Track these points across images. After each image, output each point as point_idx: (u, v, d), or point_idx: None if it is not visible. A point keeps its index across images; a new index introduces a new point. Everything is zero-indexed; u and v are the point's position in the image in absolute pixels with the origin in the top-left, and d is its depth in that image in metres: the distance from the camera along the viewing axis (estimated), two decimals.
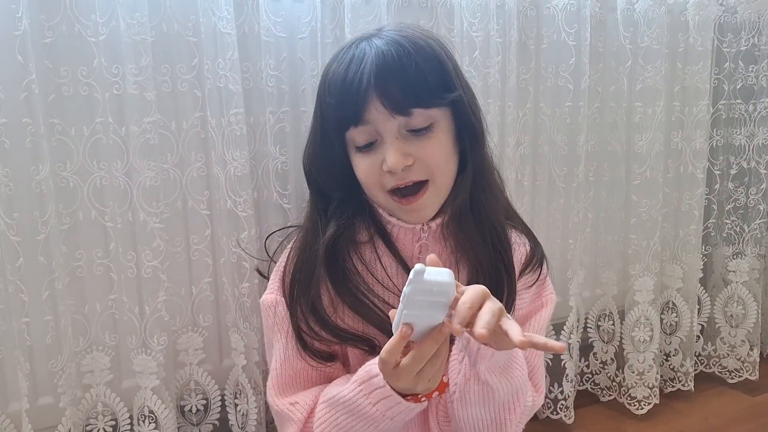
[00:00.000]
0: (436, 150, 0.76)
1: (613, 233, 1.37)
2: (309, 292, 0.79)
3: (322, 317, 0.79)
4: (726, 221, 1.52)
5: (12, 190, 0.85)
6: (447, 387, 0.73)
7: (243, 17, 0.97)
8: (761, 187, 1.48)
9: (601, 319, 1.40)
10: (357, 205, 0.81)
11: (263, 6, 0.95)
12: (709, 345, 1.55)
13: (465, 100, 0.77)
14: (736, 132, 1.48)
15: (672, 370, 1.46)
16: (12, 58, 0.82)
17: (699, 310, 1.50)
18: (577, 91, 1.23)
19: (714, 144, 1.49)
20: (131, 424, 0.98)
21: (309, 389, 0.80)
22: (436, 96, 0.74)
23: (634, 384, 1.36)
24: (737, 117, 1.47)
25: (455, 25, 1.10)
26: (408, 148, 0.75)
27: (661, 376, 1.44)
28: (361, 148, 0.77)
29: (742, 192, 1.50)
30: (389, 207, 0.80)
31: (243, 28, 0.97)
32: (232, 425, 1.07)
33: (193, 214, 1.00)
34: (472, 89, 0.82)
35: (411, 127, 0.74)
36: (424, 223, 0.81)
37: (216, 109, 0.95)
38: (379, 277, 0.81)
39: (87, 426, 0.97)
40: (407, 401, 0.68)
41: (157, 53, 0.92)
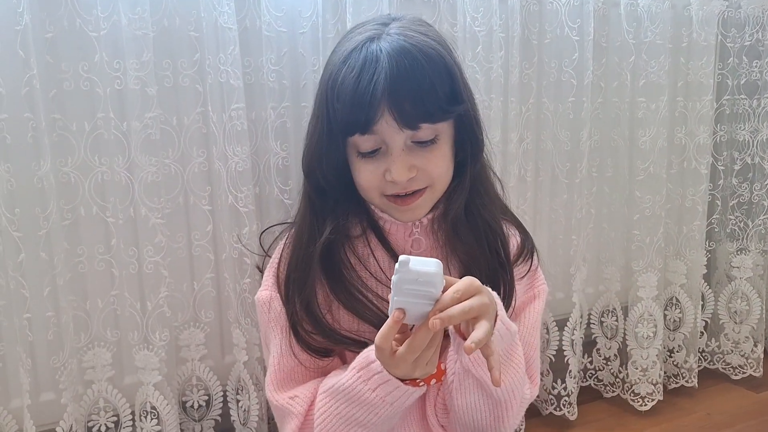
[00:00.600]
0: (439, 162, 0.77)
1: (617, 229, 1.37)
2: (304, 291, 0.79)
3: (316, 318, 0.79)
4: (730, 217, 1.52)
5: (13, 185, 0.85)
6: (444, 374, 0.75)
7: (244, 12, 0.97)
8: (765, 183, 1.47)
9: (605, 315, 1.40)
10: (352, 203, 0.82)
11: (264, 1, 0.95)
12: (713, 341, 1.54)
13: (470, 112, 0.78)
14: (740, 127, 1.48)
15: (675, 366, 1.46)
16: (13, 53, 0.81)
17: (703, 306, 1.50)
18: (581, 87, 1.22)
19: (718, 139, 1.48)
20: (133, 420, 0.98)
21: (307, 383, 0.80)
22: (445, 111, 0.75)
23: (637, 380, 1.36)
24: (741, 112, 1.47)
25: (458, 20, 1.09)
26: (413, 160, 0.75)
27: (665, 372, 1.44)
28: (365, 154, 0.77)
29: (746, 188, 1.50)
30: (383, 206, 0.81)
31: (244, 23, 0.97)
32: (233, 421, 1.07)
33: (195, 209, 1.00)
34: (473, 94, 0.82)
35: (417, 139, 0.75)
36: None
37: (217, 105, 0.95)
38: (373, 271, 0.81)
39: (89, 422, 0.97)
40: (406, 385, 0.69)
41: (159, 48, 0.92)
